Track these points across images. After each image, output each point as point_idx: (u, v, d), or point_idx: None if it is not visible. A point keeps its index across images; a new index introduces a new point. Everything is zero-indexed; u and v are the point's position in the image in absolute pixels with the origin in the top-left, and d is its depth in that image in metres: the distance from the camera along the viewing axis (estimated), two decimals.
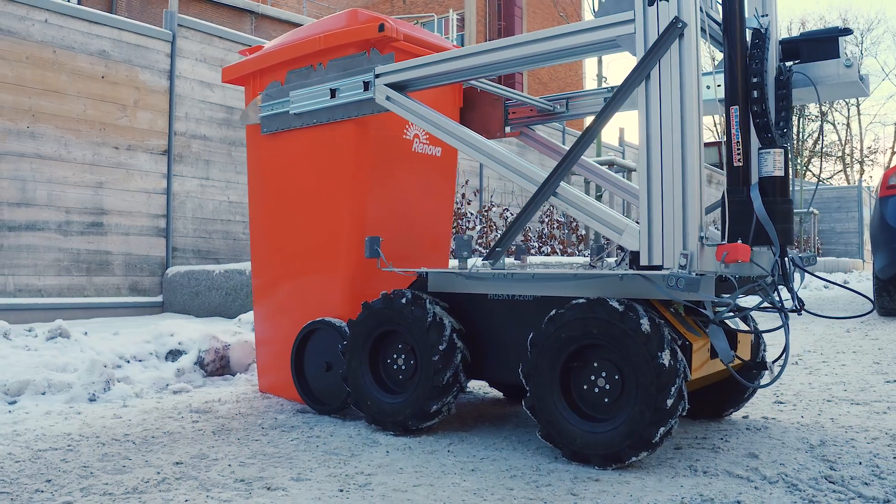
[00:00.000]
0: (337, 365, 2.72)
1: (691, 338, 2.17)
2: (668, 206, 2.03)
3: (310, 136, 2.91)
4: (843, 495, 1.84)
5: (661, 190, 2.04)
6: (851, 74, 2.37)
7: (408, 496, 1.83)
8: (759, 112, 2.20)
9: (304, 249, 2.95)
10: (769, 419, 2.71)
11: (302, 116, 2.89)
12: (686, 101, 2.01)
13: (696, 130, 2.01)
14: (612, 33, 2.16)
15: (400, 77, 2.61)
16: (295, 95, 2.90)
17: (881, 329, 6.02)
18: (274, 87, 3.01)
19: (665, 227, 2.03)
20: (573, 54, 2.31)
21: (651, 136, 2.06)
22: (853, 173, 38.37)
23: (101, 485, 1.93)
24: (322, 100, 2.81)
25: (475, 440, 2.39)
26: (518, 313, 2.38)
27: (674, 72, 2.02)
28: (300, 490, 1.88)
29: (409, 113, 2.57)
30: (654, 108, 2.06)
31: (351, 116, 2.75)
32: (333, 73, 2.81)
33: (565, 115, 3.15)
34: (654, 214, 2.05)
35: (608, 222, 2.16)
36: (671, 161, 2.02)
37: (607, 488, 1.89)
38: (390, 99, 2.62)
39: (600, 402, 2.10)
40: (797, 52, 2.48)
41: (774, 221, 2.15)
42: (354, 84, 2.71)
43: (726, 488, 1.88)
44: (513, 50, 2.35)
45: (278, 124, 3.01)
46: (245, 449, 2.29)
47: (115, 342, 3.64)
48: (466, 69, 2.49)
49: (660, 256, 2.04)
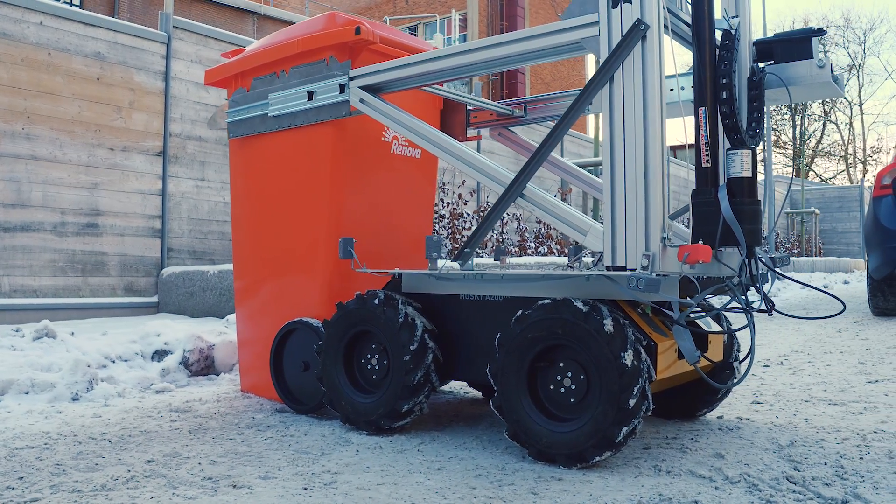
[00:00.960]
0: (314, 365, 2.75)
1: (657, 338, 2.19)
2: (631, 207, 2.05)
3: (288, 138, 2.94)
4: (802, 495, 1.85)
5: (625, 191, 2.06)
6: (824, 75, 2.39)
7: (370, 494, 1.85)
8: (728, 113, 2.22)
9: (283, 251, 2.98)
10: (743, 419, 2.73)
11: (280, 119, 2.92)
12: (649, 102, 2.03)
13: (658, 132, 2.03)
14: (577, 36, 2.18)
15: (373, 80, 2.63)
16: (273, 98, 2.93)
17: (873, 329, 6.02)
18: (240, 92, 3.07)
19: (628, 228, 2.05)
20: (539, 57, 2.33)
21: (615, 138, 2.08)
22: (856, 173, 38.27)
23: (71, 482, 1.96)
24: (300, 102, 2.84)
25: (446, 439, 2.42)
26: (488, 314, 2.41)
27: (637, 74, 2.04)
28: (265, 488, 1.90)
29: (381, 115, 2.60)
30: (617, 110, 2.08)
31: (324, 119, 2.77)
32: (295, 80, 2.86)
33: (524, 120, 3.18)
34: (618, 216, 2.07)
35: (572, 223, 2.18)
36: (634, 163, 2.04)
37: (569, 487, 1.91)
38: (364, 101, 2.64)
39: (566, 402, 2.12)
40: (771, 53, 2.49)
41: (742, 222, 2.17)
42: (330, 87, 2.74)
43: (686, 488, 1.90)
44: (481, 52, 2.38)
45: (244, 129, 3.08)
46: (218, 448, 2.32)
47: (102, 342, 3.67)
48: (438, 71, 2.52)
49: (623, 257, 2.06)
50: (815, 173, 37.12)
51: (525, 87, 28.99)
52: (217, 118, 3.23)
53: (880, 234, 6.69)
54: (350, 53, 2.77)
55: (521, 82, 28.47)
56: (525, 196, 2.27)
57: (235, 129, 3.12)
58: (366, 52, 2.81)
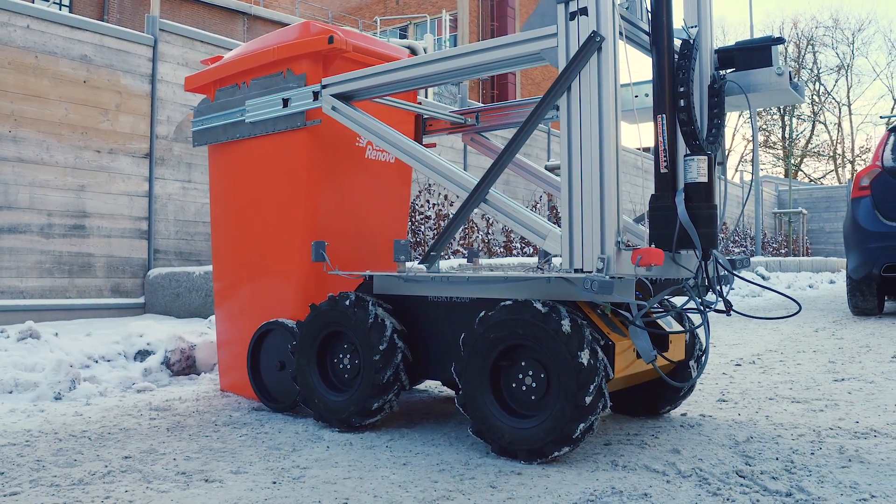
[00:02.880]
0: (290, 364, 2.83)
1: (616, 338, 2.27)
2: (588, 212, 2.13)
3: (264, 144, 3.02)
4: (749, 489, 1.94)
5: (581, 198, 2.15)
6: (783, 82, 2.47)
7: (335, 488, 1.93)
8: (686, 120, 2.31)
9: (260, 254, 3.06)
10: (706, 417, 2.82)
11: (256, 125, 3.01)
12: (604, 112, 2.12)
13: (612, 141, 2.11)
14: (537, 47, 2.27)
15: (344, 88, 2.72)
16: (251, 105, 3.01)
17: (849, 329, 6.13)
18: (204, 103, 3.18)
19: (584, 232, 2.14)
20: (501, 66, 2.42)
21: (572, 146, 2.17)
22: (844, 173, 38.52)
23: (49, 477, 2.03)
24: (275, 109, 2.92)
25: (415, 436, 2.50)
26: (455, 314, 2.49)
27: (593, 84, 2.13)
28: (235, 482, 1.98)
29: (352, 122, 2.68)
30: (574, 119, 2.16)
31: (299, 126, 2.86)
32: (255, 91, 2.98)
33: (476, 128, 3.28)
34: (574, 221, 2.15)
35: (532, 227, 2.27)
36: (590, 170, 2.13)
37: (527, 481, 1.99)
38: (336, 109, 2.73)
39: (528, 400, 2.20)
40: (732, 61, 2.58)
41: (698, 226, 2.25)
42: (304, 94, 2.82)
43: (639, 482, 1.99)
44: (446, 62, 2.46)
45: (207, 138, 3.20)
46: (193, 444, 2.39)
47: (86, 343, 3.74)
48: (406, 80, 2.60)
49: (580, 260, 2.14)
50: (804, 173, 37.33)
51: (515, 88, 29.11)
52: (182, 127, 3.35)
53: (859, 235, 6.80)
54: (324, 62, 2.85)
55: (512, 83, 28.59)
56: (488, 201, 2.35)
57: (200, 137, 3.24)
58: (339, 60, 2.89)
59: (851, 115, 40.02)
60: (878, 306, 7.13)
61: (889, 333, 5.70)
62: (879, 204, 6.74)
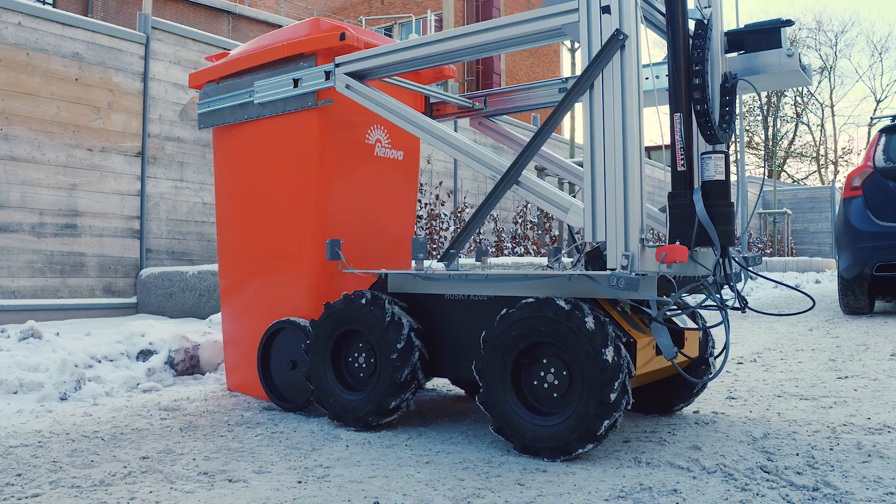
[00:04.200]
0: (302, 363, 2.81)
1: (636, 335, 2.27)
2: (611, 210, 2.13)
3: (272, 126, 3.00)
4: (776, 483, 1.95)
5: (605, 195, 2.14)
6: (793, 63, 2.46)
7: (362, 487, 1.92)
8: (700, 99, 2.30)
9: (268, 245, 3.04)
10: (719, 414, 2.83)
11: (265, 106, 3.01)
12: (628, 110, 2.12)
13: (636, 139, 2.11)
14: (557, 22, 2.27)
15: (359, 66, 2.71)
16: (259, 86, 3.00)
17: (843, 327, 6.17)
18: (211, 86, 3.19)
19: (608, 230, 2.14)
20: (522, 42, 2.42)
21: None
22: (827, 174, 38.86)
23: (69, 478, 2.01)
24: (285, 89, 2.92)
25: (433, 434, 2.49)
26: (473, 312, 2.48)
27: (616, 82, 2.13)
28: (260, 482, 1.96)
29: (367, 100, 2.68)
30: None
31: (310, 106, 2.85)
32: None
33: (484, 112, 3.30)
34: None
35: (555, 202, 2.28)
36: (613, 169, 2.13)
37: (553, 479, 1.99)
38: (350, 87, 2.72)
39: (549, 397, 2.20)
40: (742, 43, 2.57)
41: (716, 223, 2.26)
42: (316, 74, 2.81)
43: (665, 478, 1.99)
44: (465, 39, 2.46)
45: (214, 120, 3.19)
46: (210, 444, 2.37)
47: (87, 342, 3.70)
48: (422, 58, 2.60)
49: (602, 233, 2.15)
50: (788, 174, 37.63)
51: (501, 84, 29.10)
52: (188, 109, 3.33)
53: (850, 235, 6.86)
54: (334, 58, 2.84)
55: (497, 83, 28.60)
56: (521, 183, 2.35)
57: (206, 119, 3.23)
58: None
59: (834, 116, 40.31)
60: (868, 305, 7.20)
61: (884, 332, 5.75)
62: (871, 204, 6.80)
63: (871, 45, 53.73)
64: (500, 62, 29.25)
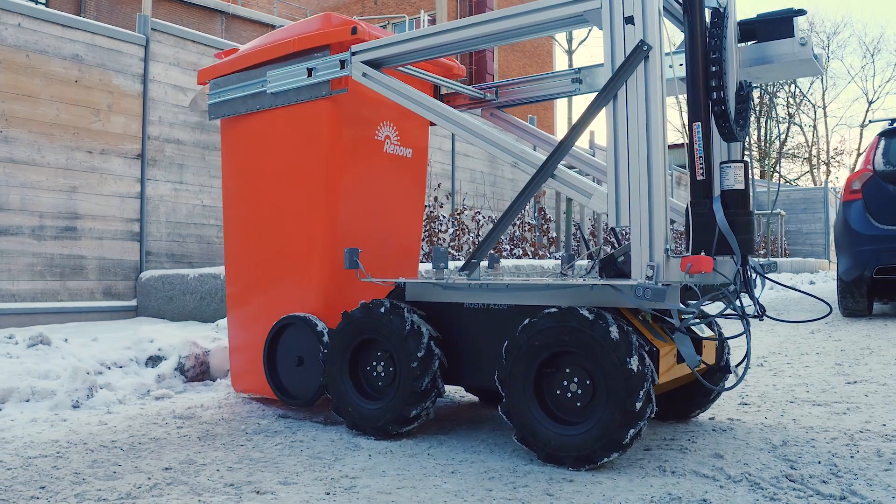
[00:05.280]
0: (308, 359, 2.81)
1: (658, 344, 2.28)
2: (635, 221, 2.14)
3: (284, 121, 3.01)
4: (802, 493, 1.96)
5: (629, 207, 2.15)
6: (806, 52, 2.46)
7: (392, 498, 1.92)
8: (717, 86, 2.30)
9: (276, 246, 3.05)
10: (734, 420, 2.83)
11: (277, 96, 3.01)
12: (652, 121, 2.12)
13: (661, 150, 2.12)
14: (580, 9, 2.28)
15: (376, 54, 2.72)
16: (272, 75, 3.01)
17: (844, 331, 6.20)
18: (221, 78, 3.23)
19: (632, 239, 2.14)
20: (543, 30, 2.43)
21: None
22: (819, 174, 39.04)
23: (94, 491, 1.99)
24: (299, 79, 2.92)
25: (453, 443, 2.49)
26: (493, 321, 2.48)
27: (640, 94, 2.13)
28: (288, 493, 1.96)
29: (384, 88, 2.68)
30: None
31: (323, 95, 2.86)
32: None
33: (495, 103, 3.31)
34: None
35: (580, 188, 2.30)
36: (638, 180, 2.13)
37: (581, 488, 1.99)
38: (367, 75, 2.72)
39: (572, 406, 2.20)
40: (754, 33, 2.58)
41: (736, 232, 2.27)
42: (331, 63, 2.82)
43: (693, 487, 1.99)
44: (484, 26, 2.47)
45: (225, 110, 3.19)
46: (231, 454, 2.36)
47: (96, 348, 3.69)
48: (438, 46, 2.61)
49: (626, 218, 2.16)
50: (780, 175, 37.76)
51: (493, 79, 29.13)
52: (198, 100, 3.30)
53: (850, 238, 6.89)
54: (350, 47, 2.84)
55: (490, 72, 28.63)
56: (556, 176, 2.36)
57: (216, 110, 3.23)
58: None
59: (826, 117, 40.49)
60: (867, 308, 7.23)
61: (885, 335, 5.78)
62: (871, 207, 6.84)
63: (864, 46, 54.02)
64: (493, 62, 29.26)
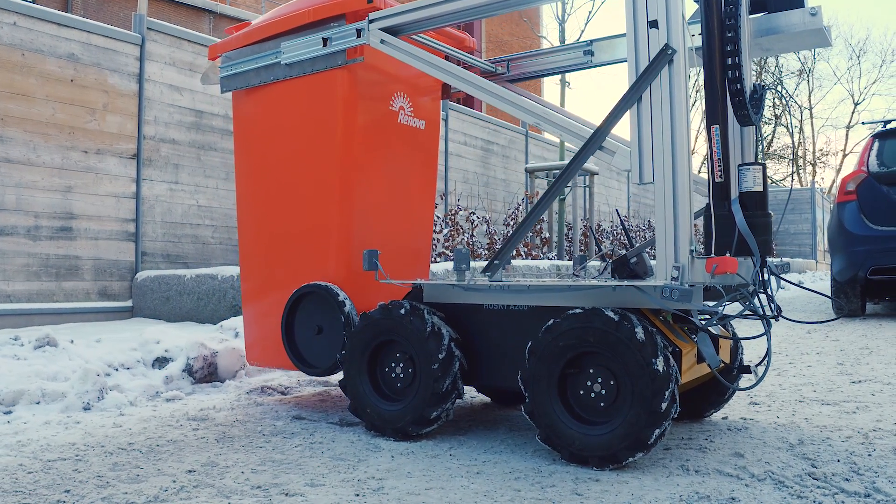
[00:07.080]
0: (328, 328, 2.84)
1: (680, 344, 2.29)
2: (661, 223, 2.15)
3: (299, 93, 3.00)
4: (828, 490, 1.98)
5: (654, 209, 2.16)
6: (816, 22, 2.43)
7: (422, 499, 1.92)
8: (733, 59, 2.29)
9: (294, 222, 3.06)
10: (747, 420, 2.86)
11: (292, 67, 3.02)
12: (676, 125, 2.13)
13: (685, 154, 2.13)
14: None
15: (393, 21, 2.74)
16: (287, 46, 3.01)
17: (840, 330, 6.26)
18: (234, 50, 3.23)
19: (657, 241, 2.15)
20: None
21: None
22: (805, 175, 39.32)
23: (120, 494, 1.99)
24: (314, 49, 2.93)
25: (474, 443, 2.49)
26: (513, 322, 2.49)
27: (664, 97, 2.14)
28: (318, 495, 1.96)
29: (403, 54, 2.69)
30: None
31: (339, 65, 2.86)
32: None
33: (507, 76, 3.34)
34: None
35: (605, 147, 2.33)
36: (662, 183, 2.15)
37: (609, 488, 2.00)
38: (385, 42, 2.73)
39: (596, 407, 2.21)
40: (765, 5, 2.58)
41: (755, 234, 2.29)
42: (347, 32, 2.83)
43: (720, 486, 2.01)
44: None
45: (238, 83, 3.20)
46: (253, 456, 2.36)
47: (102, 350, 3.66)
48: (458, 11, 2.63)
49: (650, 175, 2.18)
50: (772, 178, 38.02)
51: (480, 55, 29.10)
52: (209, 73, 3.30)
53: (844, 239, 6.96)
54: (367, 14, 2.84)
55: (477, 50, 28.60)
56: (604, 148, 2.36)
57: (229, 83, 3.23)
58: None
59: (812, 118, 40.73)
60: (861, 308, 7.30)
61: (882, 335, 5.84)
62: (865, 208, 6.91)
63: (850, 47, 54.25)
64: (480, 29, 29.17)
